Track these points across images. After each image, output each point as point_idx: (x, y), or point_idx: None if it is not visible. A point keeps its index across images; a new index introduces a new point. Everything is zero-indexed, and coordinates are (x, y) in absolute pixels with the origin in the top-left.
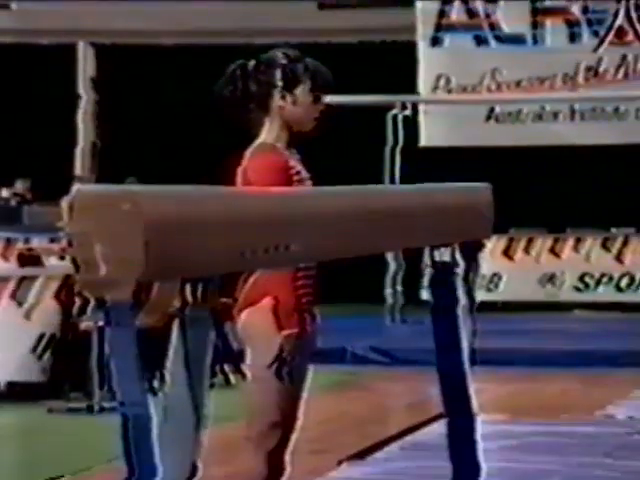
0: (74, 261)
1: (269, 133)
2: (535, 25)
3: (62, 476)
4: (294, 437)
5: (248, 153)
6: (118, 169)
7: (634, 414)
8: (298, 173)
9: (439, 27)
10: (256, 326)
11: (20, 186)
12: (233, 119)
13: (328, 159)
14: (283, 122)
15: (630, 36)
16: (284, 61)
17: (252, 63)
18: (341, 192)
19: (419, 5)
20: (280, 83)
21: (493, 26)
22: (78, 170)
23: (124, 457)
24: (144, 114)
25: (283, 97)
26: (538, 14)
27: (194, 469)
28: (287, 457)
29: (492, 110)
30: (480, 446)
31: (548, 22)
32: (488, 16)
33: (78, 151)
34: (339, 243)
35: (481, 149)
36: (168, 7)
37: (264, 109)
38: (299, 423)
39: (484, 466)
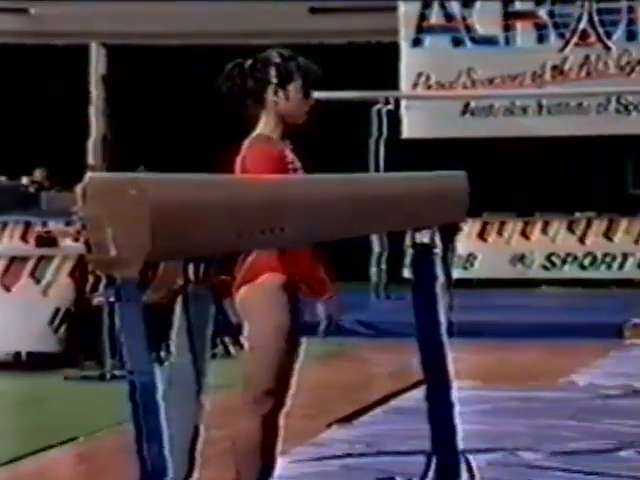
0: (87, 243)
1: (265, 126)
2: (507, 28)
3: (77, 437)
4: (287, 402)
5: (246, 144)
6: (129, 159)
7: (594, 381)
8: (292, 162)
9: (419, 29)
10: (253, 301)
11: (38, 174)
12: (232, 112)
13: (318, 150)
14: (277, 116)
15: (592, 38)
16: (278, 60)
17: (249, 62)
18: (330, 180)
19: (401, 9)
20: (274, 80)
21: (469, 28)
22: (90, 160)
23: (132, 420)
24: (152, 109)
25: (276, 93)
26: (509, 18)
27: (196, 431)
28: (281, 420)
29: (467, 105)
30: (456, 410)
31: (518, 25)
32: (464, 19)
33: (90, 143)
34: (329, 226)
35: (457, 140)
36: (171, 10)
37: (260, 104)
38: (292, 390)
39: (460, 428)
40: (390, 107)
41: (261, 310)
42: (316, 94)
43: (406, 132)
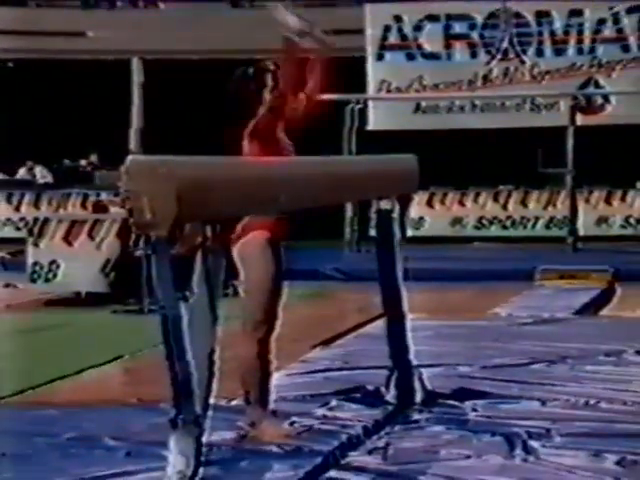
0: (129, 210)
1: None
2: (448, 46)
3: (123, 356)
4: (277, 329)
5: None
6: (161, 146)
7: (513, 312)
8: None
9: (382, 47)
10: (245, 253)
11: (93, 158)
12: (238, 109)
13: (306, 137)
14: None
15: (512, 55)
16: (273, 67)
17: (250, 69)
18: (313, 161)
19: (368, 32)
20: (270, 83)
21: (419, 47)
22: (132, 146)
23: (164, 343)
24: (178, 108)
25: (272, 93)
26: (449, 39)
27: (212, 351)
28: (273, 343)
29: (418, 105)
30: (409, 335)
31: (456, 44)
32: (415, 40)
33: (132, 133)
34: (313, 196)
35: (410, 132)
36: (191, 34)
37: (259, 102)
38: (280, 320)
39: (412, 349)
40: (360, 106)
41: (251, 260)
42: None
43: (372, 125)
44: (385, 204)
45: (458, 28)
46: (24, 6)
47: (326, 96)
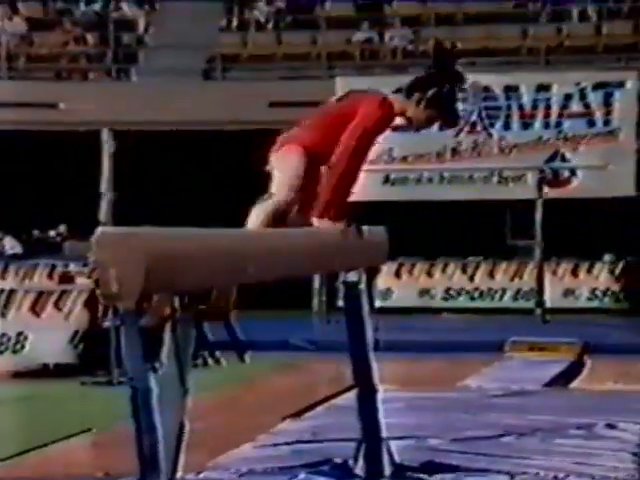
0: (96, 281)
1: None
2: None
3: (90, 429)
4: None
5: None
6: (136, 217)
7: (483, 384)
8: None
9: None
10: (276, 163)
11: (62, 228)
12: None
13: None
14: None
15: (479, 128)
16: None
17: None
18: (282, 233)
19: None
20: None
21: None
22: (102, 217)
23: (133, 416)
24: (151, 178)
25: None
26: None
27: (182, 425)
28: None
29: (387, 176)
30: (379, 407)
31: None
32: None
33: (102, 204)
34: (281, 268)
35: (379, 202)
36: (160, 105)
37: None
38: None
39: (383, 421)
40: None
41: (279, 170)
42: None
43: None
44: (352, 275)
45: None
46: None
47: None
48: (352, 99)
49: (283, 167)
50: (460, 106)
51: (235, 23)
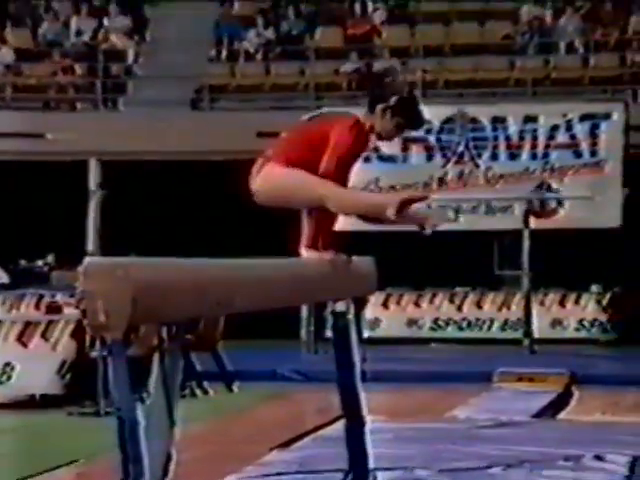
0: (83, 311)
1: None
2: (404, 149)
3: (77, 460)
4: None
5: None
6: (123, 246)
7: (471, 415)
8: None
9: None
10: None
11: (50, 258)
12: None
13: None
14: None
15: (466, 158)
16: None
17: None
18: (270, 263)
19: None
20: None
21: (376, 149)
22: (89, 247)
23: (120, 447)
24: (136, 208)
25: None
26: (406, 142)
27: (169, 456)
28: None
29: None
30: (367, 437)
31: (413, 147)
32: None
33: (89, 234)
34: (269, 298)
35: (366, 232)
36: (147, 135)
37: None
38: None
39: (371, 451)
40: None
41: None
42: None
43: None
44: (340, 306)
45: (415, 131)
46: None
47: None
48: (325, 122)
49: (280, 177)
50: (423, 108)
51: (224, 53)
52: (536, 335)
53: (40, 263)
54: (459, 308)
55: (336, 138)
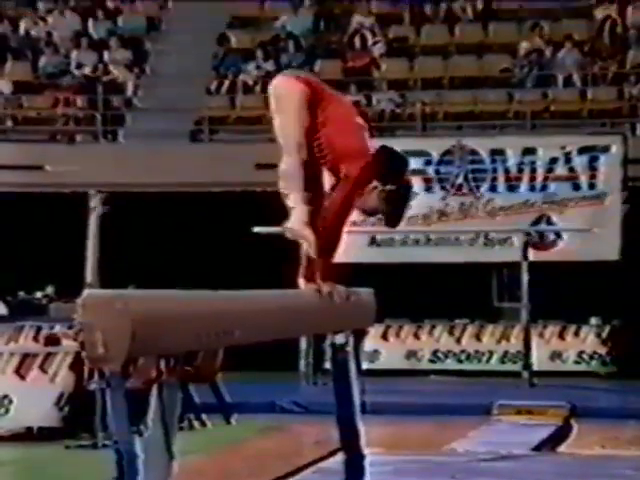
0: (82, 343)
1: None
2: None
3: None
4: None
5: None
6: (123, 278)
7: (470, 448)
8: None
9: None
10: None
11: (49, 290)
12: None
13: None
14: None
15: (466, 190)
16: None
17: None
18: (269, 295)
19: None
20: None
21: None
22: (88, 279)
23: None
24: (137, 240)
25: None
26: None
27: None
28: None
29: (374, 238)
30: (366, 470)
31: (412, 179)
32: None
33: (89, 266)
34: (267, 330)
35: (365, 264)
36: (147, 167)
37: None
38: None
39: None
40: None
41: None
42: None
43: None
44: (339, 338)
45: (414, 164)
46: None
47: (280, 229)
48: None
49: (287, 105)
50: (406, 212)
51: (224, 86)
52: (535, 368)
53: (39, 295)
54: (458, 340)
55: (357, 173)
